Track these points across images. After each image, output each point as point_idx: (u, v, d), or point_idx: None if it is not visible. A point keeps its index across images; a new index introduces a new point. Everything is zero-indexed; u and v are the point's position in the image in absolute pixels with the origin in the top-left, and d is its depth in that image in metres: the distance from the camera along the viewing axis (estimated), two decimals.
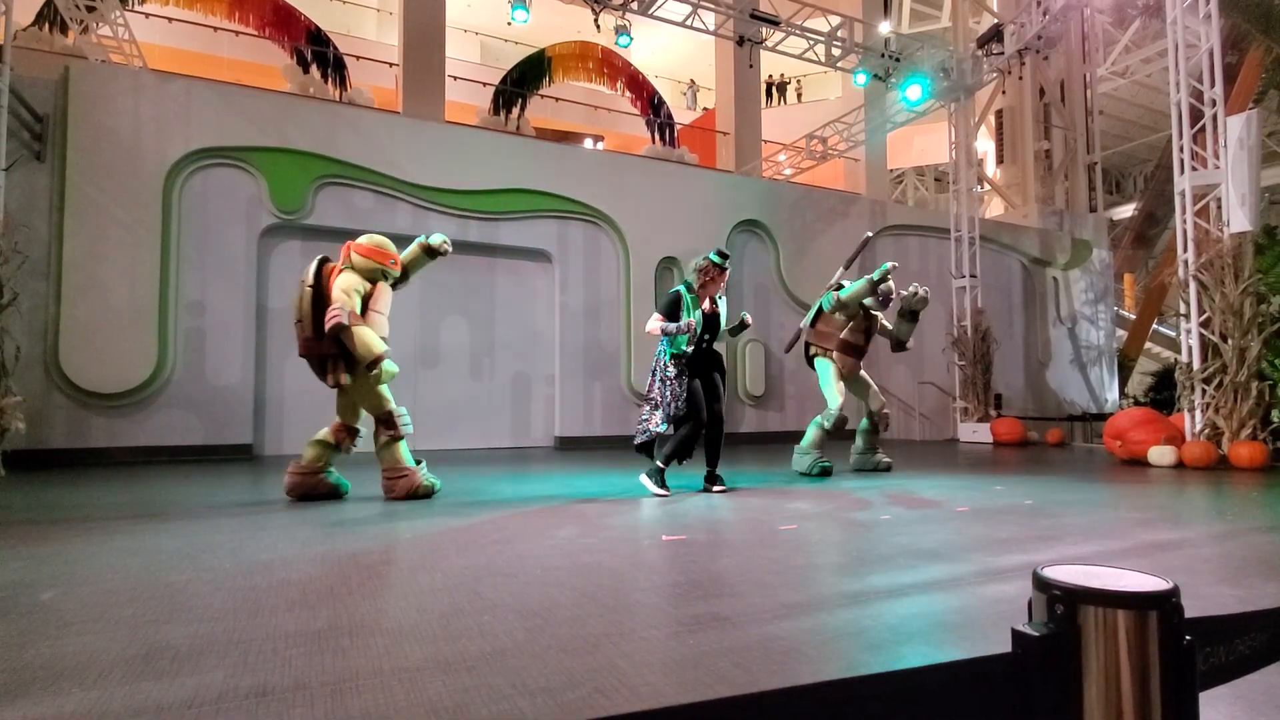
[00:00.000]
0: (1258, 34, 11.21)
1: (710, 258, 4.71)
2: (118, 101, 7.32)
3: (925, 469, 6.52)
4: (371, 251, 4.34)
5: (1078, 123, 15.04)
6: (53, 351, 6.86)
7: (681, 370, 4.60)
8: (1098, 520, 3.70)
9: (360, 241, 4.36)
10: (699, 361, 4.70)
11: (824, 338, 5.98)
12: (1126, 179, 25.99)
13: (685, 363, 4.62)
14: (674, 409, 4.55)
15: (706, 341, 4.74)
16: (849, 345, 5.94)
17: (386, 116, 9.51)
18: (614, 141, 16.42)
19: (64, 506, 4.17)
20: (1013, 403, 12.59)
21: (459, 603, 2.10)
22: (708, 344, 4.76)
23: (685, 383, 4.59)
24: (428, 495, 4.39)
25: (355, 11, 16.16)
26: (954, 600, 2.17)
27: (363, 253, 4.33)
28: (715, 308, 4.79)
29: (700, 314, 4.66)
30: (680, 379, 4.59)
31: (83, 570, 2.53)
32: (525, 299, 9.62)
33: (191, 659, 1.64)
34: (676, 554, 2.83)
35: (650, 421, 4.59)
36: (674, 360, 4.60)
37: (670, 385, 4.57)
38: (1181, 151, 7.11)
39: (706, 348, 4.75)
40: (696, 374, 4.66)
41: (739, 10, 9.78)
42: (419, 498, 4.34)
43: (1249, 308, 6.61)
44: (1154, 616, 0.70)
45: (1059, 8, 10.08)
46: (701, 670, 1.59)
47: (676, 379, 4.58)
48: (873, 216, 12.05)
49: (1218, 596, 2.19)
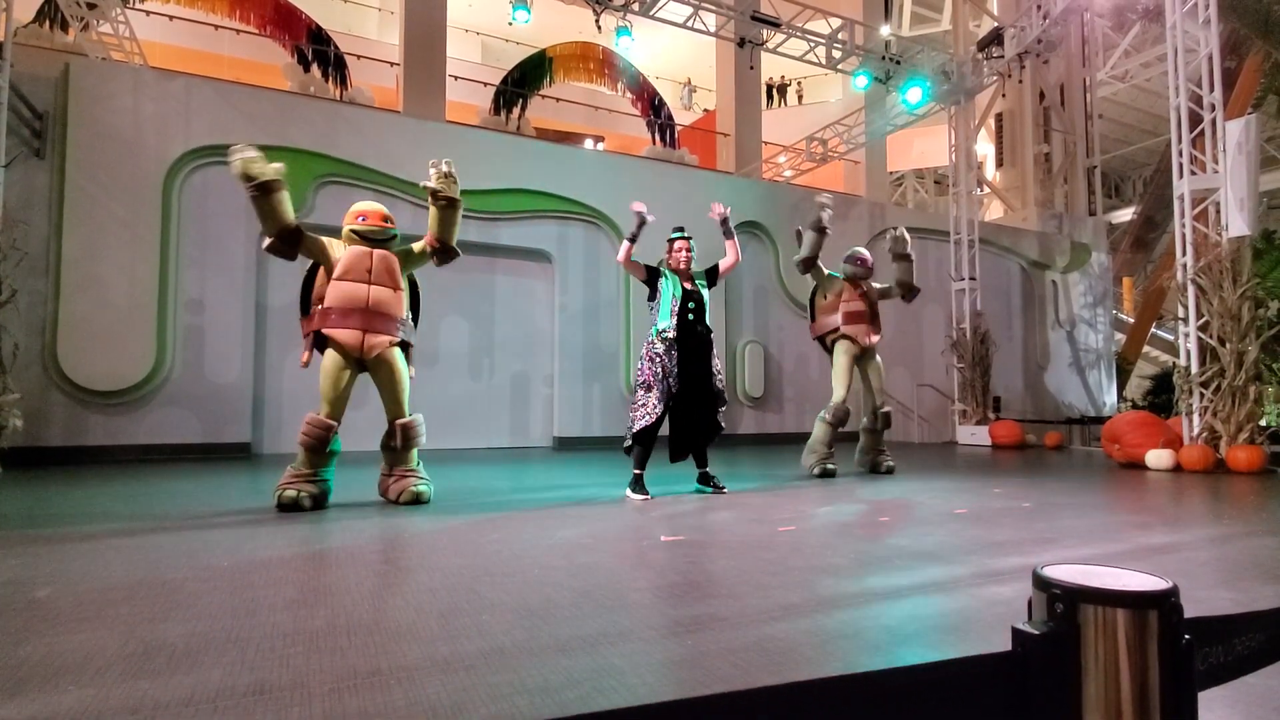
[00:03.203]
0: (1257, 39, 11.23)
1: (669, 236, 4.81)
2: (118, 99, 7.31)
3: (924, 471, 6.52)
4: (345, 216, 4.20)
5: (1077, 126, 15.06)
6: (51, 349, 6.85)
7: (670, 346, 4.46)
8: (1095, 523, 3.70)
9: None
10: (686, 341, 4.51)
11: (826, 319, 6.05)
12: (1126, 183, 26.04)
13: (674, 338, 4.48)
14: (669, 385, 4.44)
15: (694, 313, 4.58)
16: (852, 314, 5.92)
17: (387, 116, 9.51)
18: (614, 142, 16.43)
19: (61, 504, 4.16)
20: (1011, 405, 12.60)
21: (457, 602, 2.10)
22: (694, 317, 4.57)
23: (676, 358, 4.45)
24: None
25: (356, 10, 16.16)
26: (952, 602, 2.17)
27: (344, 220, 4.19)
28: (696, 287, 4.69)
29: (680, 287, 4.60)
30: (670, 354, 4.45)
31: (79, 568, 2.53)
32: (525, 299, 9.61)
33: (189, 657, 1.64)
34: (675, 554, 2.82)
35: (645, 406, 4.43)
36: (660, 336, 4.49)
37: (660, 361, 4.45)
38: (1180, 156, 7.12)
39: (694, 323, 4.57)
40: (685, 357, 4.49)
41: (740, 12, 9.79)
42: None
43: (1247, 312, 6.62)
44: (1153, 616, 0.70)
45: (1059, 11, 10.10)
46: (699, 670, 1.58)
47: (666, 354, 4.45)
48: (872, 219, 12.06)
49: (1214, 600, 2.19)
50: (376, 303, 4.04)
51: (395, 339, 4.14)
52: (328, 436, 3.89)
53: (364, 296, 4.01)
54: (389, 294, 4.10)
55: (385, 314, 4.07)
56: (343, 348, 3.97)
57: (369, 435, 8.17)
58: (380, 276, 4.08)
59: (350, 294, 3.98)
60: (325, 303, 3.99)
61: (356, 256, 4.05)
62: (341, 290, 3.98)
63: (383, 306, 4.07)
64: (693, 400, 4.56)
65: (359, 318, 3.99)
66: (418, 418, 4.20)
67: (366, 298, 4.02)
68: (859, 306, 5.94)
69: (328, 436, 3.89)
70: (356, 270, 4.02)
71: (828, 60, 10.72)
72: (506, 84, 12.39)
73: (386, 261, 4.13)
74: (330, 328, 3.95)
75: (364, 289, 4.02)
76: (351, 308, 3.98)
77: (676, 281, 4.64)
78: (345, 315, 3.97)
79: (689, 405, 4.57)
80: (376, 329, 4.04)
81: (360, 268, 4.03)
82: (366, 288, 4.03)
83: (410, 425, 4.15)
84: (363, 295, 4.01)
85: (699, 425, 4.65)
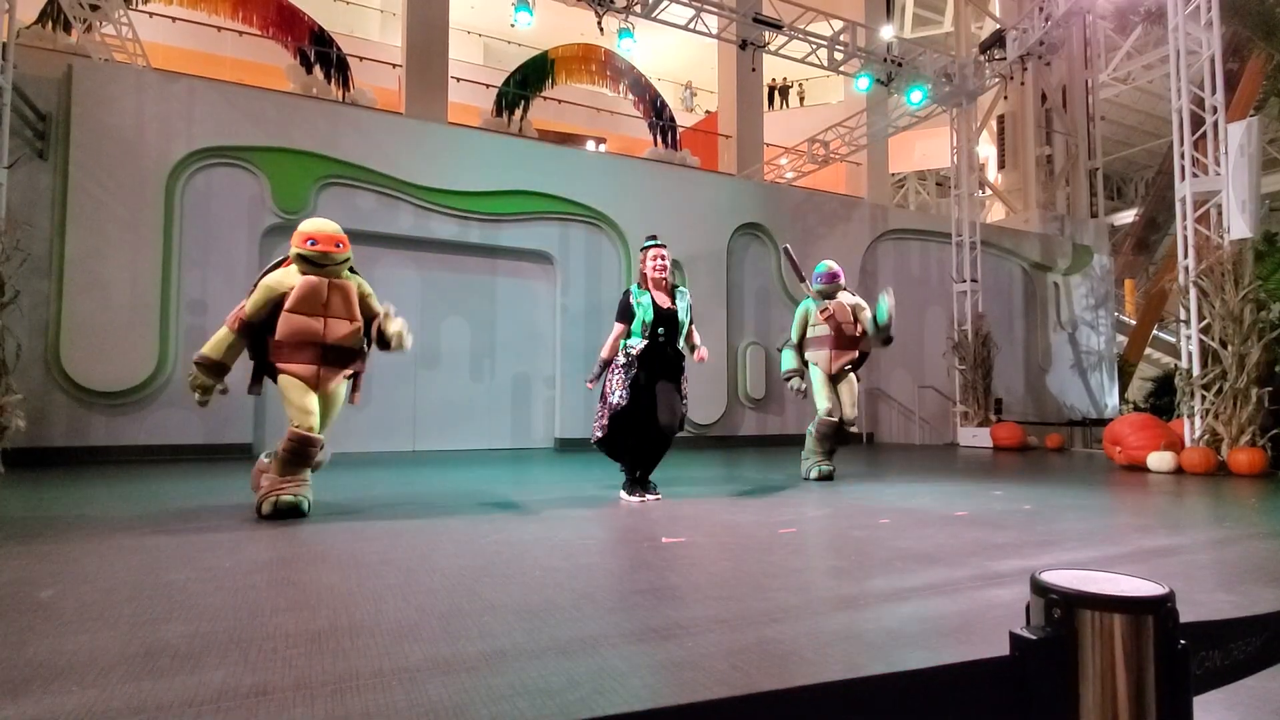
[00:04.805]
0: (1259, 41, 11.22)
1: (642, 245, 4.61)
2: (121, 100, 7.33)
3: (924, 473, 6.52)
4: (294, 236, 3.74)
5: (1079, 128, 15.06)
6: (54, 349, 6.87)
7: (631, 363, 4.31)
8: (1096, 526, 3.70)
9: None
10: (652, 361, 4.35)
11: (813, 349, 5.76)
12: (1128, 185, 26.02)
13: (637, 355, 4.32)
14: (615, 400, 4.27)
15: (663, 336, 4.38)
16: (817, 340, 5.68)
17: (389, 117, 9.52)
18: (616, 144, 16.44)
19: (63, 504, 4.17)
20: (1013, 408, 12.59)
21: (459, 603, 2.10)
22: (664, 339, 4.39)
23: (631, 376, 4.29)
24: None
25: (359, 12, 16.18)
26: (952, 604, 2.17)
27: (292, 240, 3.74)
28: (672, 303, 4.48)
29: (651, 305, 4.37)
30: (628, 371, 4.30)
31: (82, 568, 2.53)
32: (526, 301, 9.62)
33: (191, 658, 1.64)
34: (675, 556, 2.83)
35: (602, 417, 4.37)
36: (624, 351, 4.36)
37: (617, 374, 4.33)
38: (1182, 158, 7.12)
39: (664, 343, 4.39)
40: (647, 370, 4.32)
41: (741, 14, 9.80)
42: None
43: (1249, 314, 6.62)
44: (1150, 621, 0.71)
45: (1061, 13, 10.10)
46: (700, 672, 1.59)
47: (624, 369, 4.32)
48: (874, 220, 12.07)
49: (1214, 603, 2.20)
50: (330, 337, 3.71)
51: (349, 372, 3.86)
52: (311, 451, 3.65)
53: (318, 331, 3.67)
54: (345, 327, 3.74)
55: (341, 347, 3.75)
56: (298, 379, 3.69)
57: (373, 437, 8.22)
58: (336, 309, 3.72)
59: (303, 328, 3.64)
60: (277, 335, 3.65)
61: (310, 288, 3.65)
62: (293, 324, 3.63)
63: (338, 340, 3.73)
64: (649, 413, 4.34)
65: (312, 352, 3.67)
66: (326, 446, 3.79)
67: (321, 332, 3.68)
68: (822, 331, 5.67)
69: (311, 451, 3.65)
70: (310, 302, 3.65)
71: (829, 62, 10.72)
72: (508, 85, 12.41)
73: (344, 293, 3.75)
74: (283, 362, 3.67)
75: (318, 323, 3.67)
76: (304, 341, 3.66)
77: (649, 302, 4.41)
78: (298, 349, 3.66)
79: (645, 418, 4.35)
80: (331, 363, 3.74)
81: (315, 300, 3.66)
82: (321, 321, 3.68)
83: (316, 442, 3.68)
84: (317, 330, 3.67)
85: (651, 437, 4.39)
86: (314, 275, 3.69)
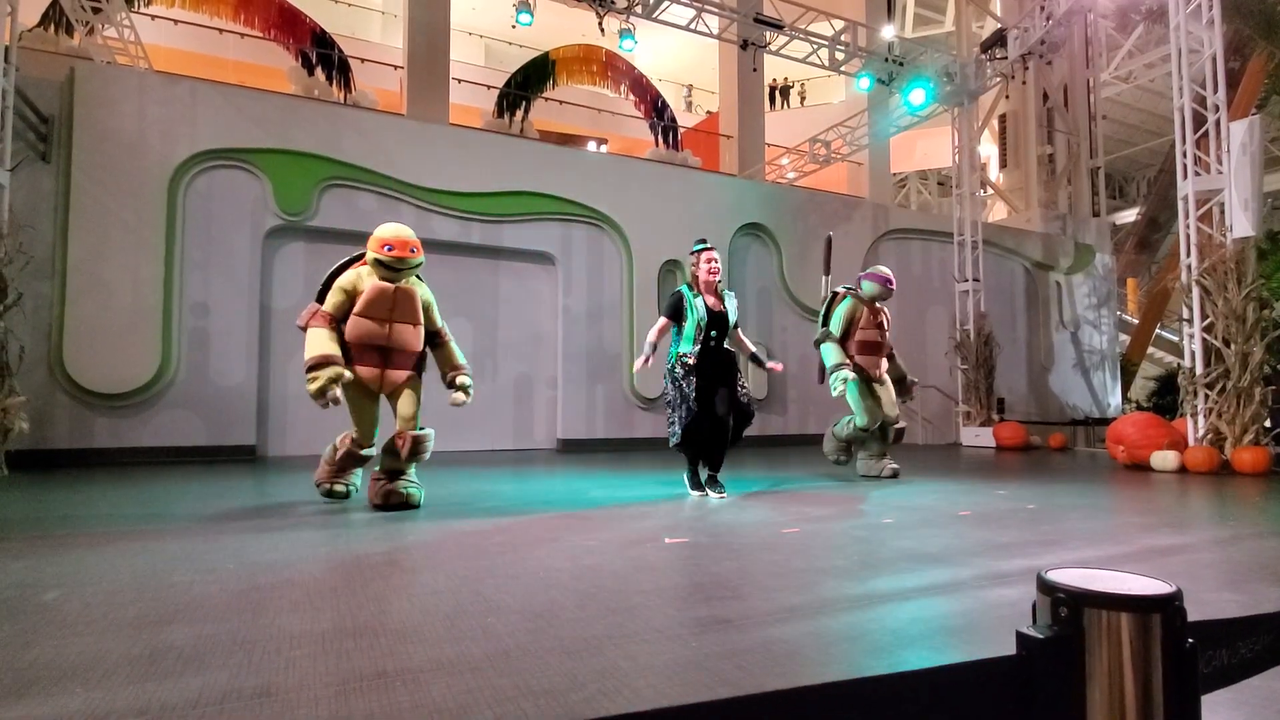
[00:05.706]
0: (1261, 40, 11.20)
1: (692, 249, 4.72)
2: (123, 103, 7.34)
3: (928, 473, 6.52)
4: (370, 241, 3.99)
5: (1081, 127, 15.04)
6: (56, 352, 6.88)
7: (689, 371, 4.45)
8: (1100, 525, 3.70)
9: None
10: (707, 363, 4.51)
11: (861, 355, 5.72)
12: (1129, 184, 25.99)
13: (694, 364, 4.47)
14: (686, 411, 4.43)
15: (715, 339, 4.56)
16: (866, 344, 5.69)
17: (391, 119, 9.53)
18: (617, 144, 16.44)
19: (67, 506, 4.18)
20: (1015, 407, 12.57)
21: (462, 604, 2.10)
22: (716, 342, 4.57)
23: (694, 383, 4.43)
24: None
25: (360, 14, 16.21)
26: (956, 604, 2.17)
27: (369, 244, 4.01)
28: (722, 305, 4.64)
29: (704, 310, 4.53)
30: (689, 379, 4.44)
31: (86, 571, 2.54)
32: (528, 301, 9.62)
33: (195, 659, 1.65)
34: (679, 557, 2.83)
35: (675, 424, 4.51)
36: (680, 361, 4.51)
37: (679, 387, 4.47)
38: (1184, 157, 7.11)
39: (715, 346, 4.57)
40: (705, 377, 4.46)
41: (743, 14, 9.80)
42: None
43: (1251, 313, 6.61)
44: (1157, 619, 0.71)
45: (1062, 13, 10.09)
46: (704, 672, 1.59)
47: (684, 379, 4.45)
48: (875, 220, 12.05)
49: (1219, 602, 2.19)
50: (396, 340, 3.99)
51: (414, 373, 4.12)
52: (361, 459, 4.13)
53: (383, 334, 3.95)
54: (409, 330, 4.03)
55: (405, 350, 4.03)
56: (363, 381, 3.96)
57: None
58: (402, 313, 3.99)
59: (369, 331, 3.93)
60: (346, 335, 3.92)
61: (378, 293, 3.93)
62: (361, 327, 3.92)
63: (402, 344, 4.01)
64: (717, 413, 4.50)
65: (377, 355, 3.97)
66: (429, 432, 4.09)
67: (387, 335, 3.96)
68: (874, 336, 5.62)
69: (361, 459, 4.13)
70: (378, 307, 3.93)
71: (830, 62, 10.73)
72: (510, 86, 12.42)
73: (409, 297, 4.03)
74: (349, 363, 3.92)
75: (383, 328, 3.95)
76: (370, 344, 3.94)
77: (701, 304, 4.55)
78: (363, 351, 3.94)
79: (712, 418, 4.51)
80: (395, 365, 4.02)
81: (382, 305, 3.94)
82: (387, 325, 3.96)
83: (421, 439, 4.03)
84: (382, 333, 3.95)
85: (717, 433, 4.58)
86: (388, 279, 3.96)
